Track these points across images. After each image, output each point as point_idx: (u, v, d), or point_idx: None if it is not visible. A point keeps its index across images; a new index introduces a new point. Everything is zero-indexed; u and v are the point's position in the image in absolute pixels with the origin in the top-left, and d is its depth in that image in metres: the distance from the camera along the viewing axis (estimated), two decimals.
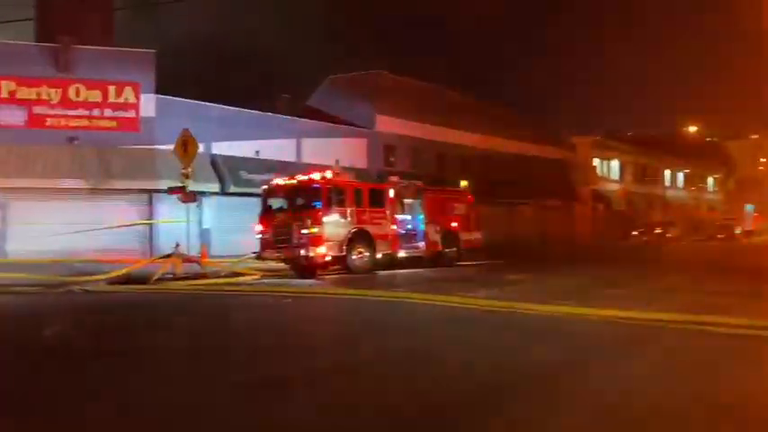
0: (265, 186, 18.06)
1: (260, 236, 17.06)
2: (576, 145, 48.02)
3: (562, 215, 42.79)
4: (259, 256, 17.07)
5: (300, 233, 15.90)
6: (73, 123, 22.39)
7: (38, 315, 9.96)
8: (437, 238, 19.23)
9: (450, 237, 19.63)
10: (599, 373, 5.07)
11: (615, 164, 54.14)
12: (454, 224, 19.99)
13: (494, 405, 4.16)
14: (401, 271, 17.25)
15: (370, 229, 17.02)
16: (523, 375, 4.94)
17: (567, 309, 7.98)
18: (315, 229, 15.82)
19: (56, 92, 22.25)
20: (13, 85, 21.83)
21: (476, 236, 21.05)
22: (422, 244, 18.97)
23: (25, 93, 21.98)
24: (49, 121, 22.18)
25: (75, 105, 22.42)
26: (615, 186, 52.48)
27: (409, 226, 18.91)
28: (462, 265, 19.16)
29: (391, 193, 18.15)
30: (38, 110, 22.11)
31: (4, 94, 21.78)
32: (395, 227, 17.94)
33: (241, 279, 15.04)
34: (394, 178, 19.64)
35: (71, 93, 22.36)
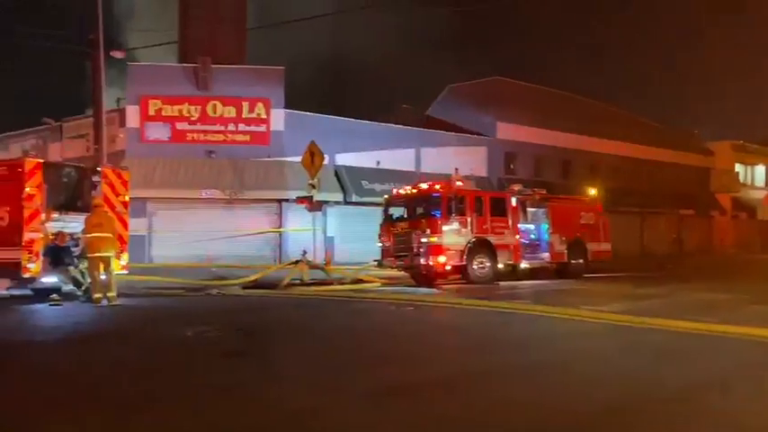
0: (386, 196, 18.41)
1: (381, 244, 17.41)
2: (714, 151, 44.68)
3: (699, 225, 39.92)
4: (380, 264, 17.42)
5: (420, 242, 16.04)
6: (211, 138, 24.06)
7: (180, 316, 10.78)
8: (562, 248, 18.63)
9: (576, 247, 18.95)
10: (743, 396, 4.69)
11: (760, 169, 49.75)
12: (581, 234, 19.26)
13: (620, 426, 3.98)
14: (524, 282, 16.87)
15: (492, 238, 16.82)
16: (655, 398, 4.68)
17: (707, 326, 7.46)
18: (434, 238, 15.89)
19: (195, 109, 24.01)
20: (159, 104, 23.84)
21: (605, 246, 20.15)
22: (546, 254, 18.44)
23: (169, 110, 23.91)
24: (189, 136, 23.98)
25: (213, 121, 24.08)
26: (760, 194, 48.19)
27: (533, 236, 18.47)
28: (590, 277, 18.41)
29: (513, 201, 17.84)
30: (180, 126, 23.97)
31: (152, 112, 23.82)
32: (517, 236, 17.60)
33: (364, 286, 15.40)
34: (516, 186, 19.29)
35: (209, 109, 24.04)
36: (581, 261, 18.98)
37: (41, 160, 13.23)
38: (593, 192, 21.52)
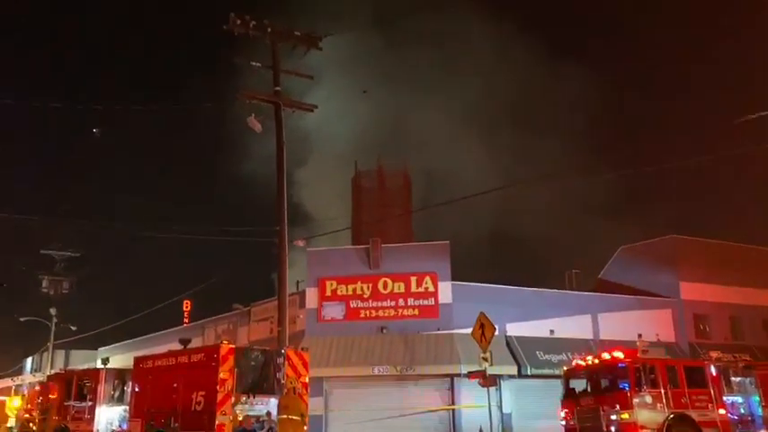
0: (566, 367, 17.37)
1: (564, 422, 16.13)
2: None
3: None
4: None
5: (610, 419, 14.64)
6: (382, 314, 24.82)
7: None
8: None
9: None
10: None
11: None
12: None
13: None
14: None
15: (693, 414, 14.92)
16: None
17: None
18: (626, 415, 14.44)
19: (367, 287, 25.18)
20: (334, 284, 25.36)
21: None
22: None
23: (344, 290, 25.28)
24: (363, 314, 24.94)
25: (384, 297, 24.98)
26: None
27: (742, 410, 16.13)
28: None
29: (713, 370, 15.95)
30: (354, 304, 25.12)
31: (328, 293, 25.32)
32: (723, 411, 15.46)
33: None
34: (714, 353, 17.32)
35: (380, 286, 25.09)
36: None
37: (233, 345, 14.32)
38: None
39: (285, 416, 12.64)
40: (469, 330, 16.81)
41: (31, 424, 20.86)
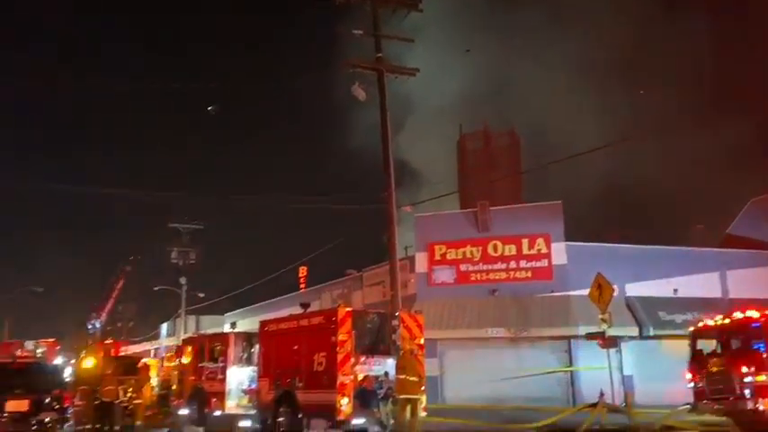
0: (693, 328, 16.50)
1: (692, 384, 15.39)
2: None
3: None
4: (694, 408, 15.29)
5: (743, 382, 13.80)
6: (493, 277, 24.69)
7: None
8: None
9: None
10: None
11: None
12: None
13: None
14: None
15: None
16: None
17: None
18: (761, 377, 13.55)
19: (477, 250, 25.08)
20: (444, 249, 25.46)
21: None
22: None
23: (453, 254, 25.34)
24: (473, 277, 24.92)
25: (494, 260, 24.80)
26: None
27: None
28: None
29: None
30: (463, 267, 25.13)
31: (438, 257, 25.48)
32: None
33: None
34: None
35: (490, 249, 24.91)
36: None
37: (350, 308, 14.81)
38: None
39: (403, 376, 12.98)
40: (586, 292, 16.36)
41: (170, 383, 22.81)
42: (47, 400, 11.73)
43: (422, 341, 15.16)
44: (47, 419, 11.46)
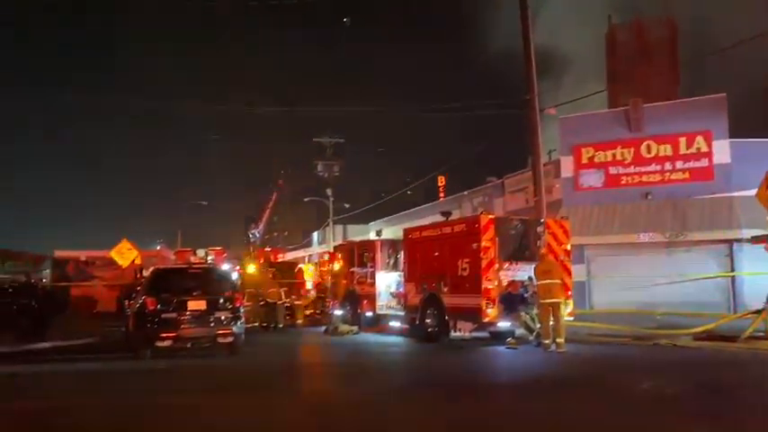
0: None
1: None
2: None
3: None
4: None
5: None
6: (646, 179, 23.31)
7: (629, 366, 10.53)
8: None
9: None
10: None
11: None
12: None
13: None
14: None
15: None
16: None
17: None
18: None
19: (628, 152, 23.66)
20: (591, 151, 24.29)
21: None
22: None
23: (601, 156, 24.12)
24: (623, 180, 23.69)
25: (648, 162, 23.32)
26: None
27: None
28: None
29: None
30: (613, 170, 23.93)
31: (584, 160, 24.40)
32: None
33: None
34: None
35: (643, 150, 23.40)
36: None
37: (493, 216, 14.86)
38: None
39: (548, 280, 12.97)
40: (751, 192, 15.00)
41: (324, 287, 24.60)
42: (221, 301, 13.01)
43: (568, 247, 15.03)
44: (222, 317, 12.80)
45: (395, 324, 17.72)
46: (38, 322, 17.55)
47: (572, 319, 14.44)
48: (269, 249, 39.44)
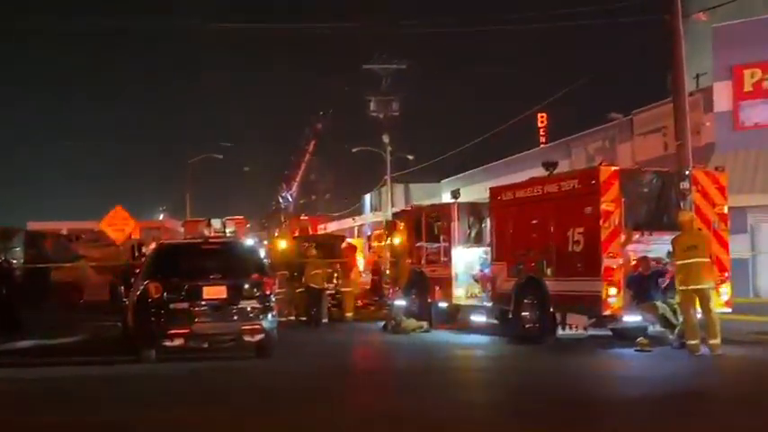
0: None
1: None
2: None
3: None
4: None
5: None
6: None
7: None
8: None
9: None
10: None
11: None
12: None
13: None
14: None
15: None
16: None
17: None
18: None
19: None
20: (758, 74, 23.42)
21: None
22: None
23: None
24: None
25: None
26: None
27: None
28: None
29: None
30: None
31: (748, 87, 23.56)
32: None
33: None
34: None
35: None
36: None
37: (617, 168, 14.60)
38: None
39: (694, 258, 12.71)
40: None
41: (381, 268, 24.72)
42: (246, 287, 13.16)
43: (725, 210, 14.72)
44: (248, 309, 12.94)
45: (478, 318, 17.80)
46: (8, 315, 18.18)
47: (729, 311, 14.21)
48: (306, 218, 40.03)
